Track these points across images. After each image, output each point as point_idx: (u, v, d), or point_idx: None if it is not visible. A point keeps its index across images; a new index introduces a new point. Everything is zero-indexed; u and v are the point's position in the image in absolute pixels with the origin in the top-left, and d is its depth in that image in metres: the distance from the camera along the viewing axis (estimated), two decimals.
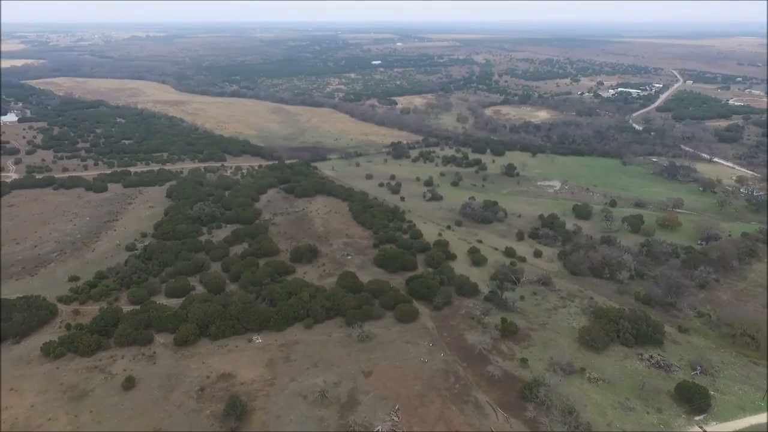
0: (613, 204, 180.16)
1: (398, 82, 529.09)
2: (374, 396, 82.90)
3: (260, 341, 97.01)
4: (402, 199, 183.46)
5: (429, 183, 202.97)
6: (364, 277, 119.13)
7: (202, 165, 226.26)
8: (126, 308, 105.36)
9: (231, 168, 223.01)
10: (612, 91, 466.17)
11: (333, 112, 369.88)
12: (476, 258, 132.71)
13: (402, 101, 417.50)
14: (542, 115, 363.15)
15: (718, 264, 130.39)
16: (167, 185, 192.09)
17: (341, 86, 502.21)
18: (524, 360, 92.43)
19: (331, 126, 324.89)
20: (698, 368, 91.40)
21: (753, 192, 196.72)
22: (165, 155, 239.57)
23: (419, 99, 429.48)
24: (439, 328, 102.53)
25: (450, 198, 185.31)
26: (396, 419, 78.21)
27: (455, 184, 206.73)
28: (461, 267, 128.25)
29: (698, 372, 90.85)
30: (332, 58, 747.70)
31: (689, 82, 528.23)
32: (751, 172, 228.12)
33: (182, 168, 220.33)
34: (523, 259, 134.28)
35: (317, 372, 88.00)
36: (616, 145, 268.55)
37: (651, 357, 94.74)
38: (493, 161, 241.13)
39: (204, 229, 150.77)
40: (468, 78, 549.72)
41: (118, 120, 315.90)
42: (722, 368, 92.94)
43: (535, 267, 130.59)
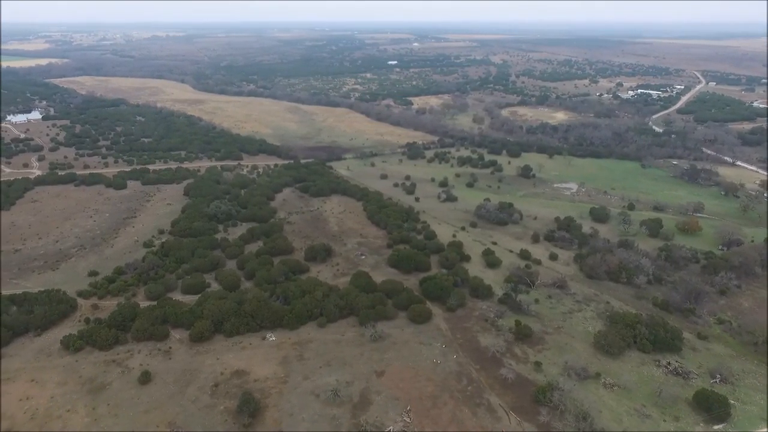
0: (632, 207, 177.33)
1: (414, 83, 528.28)
2: (386, 396, 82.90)
3: (274, 339, 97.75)
4: (417, 200, 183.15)
5: (444, 184, 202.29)
6: (378, 277, 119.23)
7: (219, 163, 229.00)
8: (143, 304, 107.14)
9: (247, 167, 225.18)
10: (631, 93, 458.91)
11: (349, 112, 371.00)
12: (491, 260, 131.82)
13: (418, 101, 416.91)
14: (560, 117, 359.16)
15: (740, 270, 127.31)
16: (185, 183, 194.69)
17: (357, 86, 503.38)
18: (538, 364, 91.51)
19: (347, 126, 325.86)
20: (718, 376, 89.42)
21: None
22: (183, 153, 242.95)
23: (435, 99, 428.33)
24: (453, 330, 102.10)
25: (465, 199, 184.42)
26: (408, 420, 78.09)
27: (470, 185, 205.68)
28: (475, 269, 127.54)
29: (718, 380, 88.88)
30: (349, 58, 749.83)
31: (712, 84, 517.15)
32: None
33: (200, 166, 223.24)
34: (539, 262, 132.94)
35: (330, 371, 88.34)
36: (635, 148, 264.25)
37: (669, 364, 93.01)
38: (509, 162, 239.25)
39: (220, 227, 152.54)
40: (485, 79, 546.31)
41: (138, 118, 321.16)
42: (743, 377, 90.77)
43: (551, 270, 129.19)
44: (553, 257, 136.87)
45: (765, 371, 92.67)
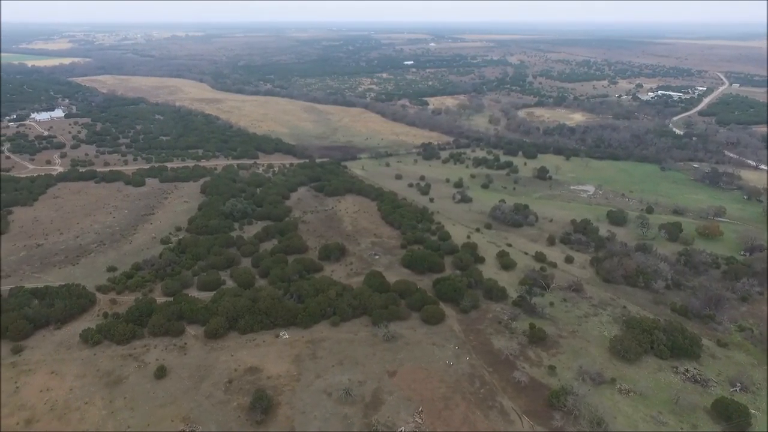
0: (650, 210, 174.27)
1: (430, 83, 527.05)
2: (398, 396, 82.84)
3: (287, 337, 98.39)
4: (431, 200, 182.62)
5: (459, 185, 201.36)
6: (391, 277, 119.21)
7: (236, 162, 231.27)
8: (160, 299, 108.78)
9: (263, 165, 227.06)
10: (651, 94, 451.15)
11: (364, 112, 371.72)
12: (505, 262, 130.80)
13: (434, 102, 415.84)
14: (577, 118, 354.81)
15: (763, 276, 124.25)
16: (202, 181, 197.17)
17: (373, 86, 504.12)
18: (552, 367, 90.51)
19: (363, 126, 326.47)
20: (738, 385, 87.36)
21: None
22: (200, 152, 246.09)
23: (451, 100, 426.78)
24: (466, 332, 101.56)
25: (480, 200, 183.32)
26: (419, 421, 77.92)
27: (486, 187, 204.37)
28: (490, 270, 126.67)
29: (738, 389, 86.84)
30: (365, 58, 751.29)
31: (735, 85, 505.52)
32: None
33: (216, 165, 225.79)
34: (554, 265, 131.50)
35: (342, 370, 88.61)
36: (655, 150, 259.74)
37: (687, 371, 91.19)
38: (525, 164, 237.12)
39: (236, 225, 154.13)
40: (501, 79, 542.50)
41: (157, 117, 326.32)
42: (764, 386, 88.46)
43: (566, 273, 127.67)
44: (569, 260, 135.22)
45: None
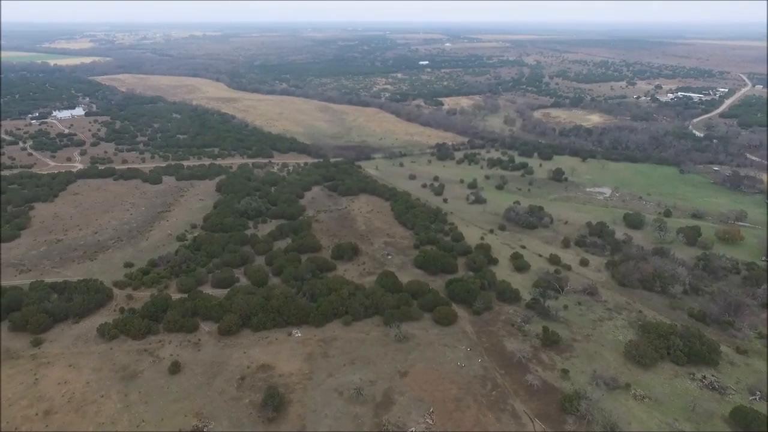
0: (668, 214, 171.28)
1: (445, 83, 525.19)
2: (409, 397, 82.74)
3: (299, 335, 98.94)
4: (445, 201, 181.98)
5: (473, 185, 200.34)
6: (404, 278, 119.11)
7: (251, 161, 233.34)
8: (175, 296, 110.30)
9: (278, 164, 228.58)
10: (671, 95, 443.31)
11: (379, 112, 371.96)
12: (519, 264, 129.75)
13: (448, 102, 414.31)
14: (594, 119, 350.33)
15: None
16: (217, 179, 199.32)
17: (388, 86, 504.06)
18: (565, 371, 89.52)
19: (377, 125, 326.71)
20: (758, 393, 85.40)
21: None
22: (216, 150, 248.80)
23: (466, 100, 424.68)
24: (478, 333, 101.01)
25: (494, 201, 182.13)
26: (430, 422, 77.71)
27: (500, 188, 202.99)
28: (503, 272, 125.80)
29: (757, 397, 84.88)
30: (380, 58, 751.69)
31: (759, 87, 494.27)
32: None
33: (232, 163, 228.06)
34: (569, 267, 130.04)
35: (354, 369, 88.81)
36: (674, 152, 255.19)
37: (704, 377, 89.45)
38: (541, 165, 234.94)
39: (250, 223, 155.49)
40: (517, 80, 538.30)
41: (174, 115, 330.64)
42: None
43: (581, 276, 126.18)
44: (584, 263, 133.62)
45: None
